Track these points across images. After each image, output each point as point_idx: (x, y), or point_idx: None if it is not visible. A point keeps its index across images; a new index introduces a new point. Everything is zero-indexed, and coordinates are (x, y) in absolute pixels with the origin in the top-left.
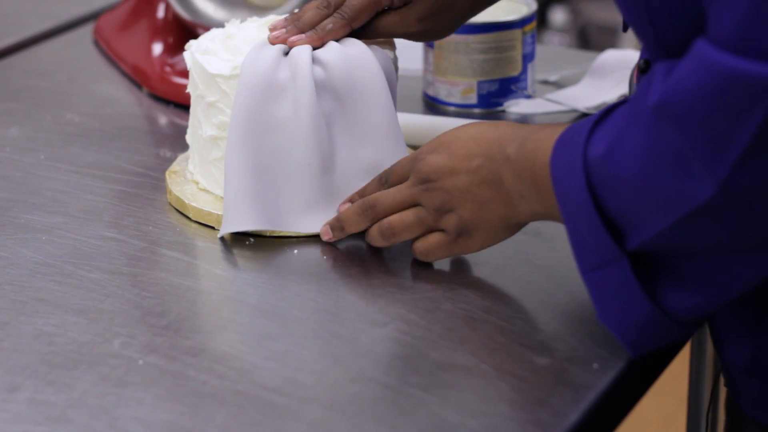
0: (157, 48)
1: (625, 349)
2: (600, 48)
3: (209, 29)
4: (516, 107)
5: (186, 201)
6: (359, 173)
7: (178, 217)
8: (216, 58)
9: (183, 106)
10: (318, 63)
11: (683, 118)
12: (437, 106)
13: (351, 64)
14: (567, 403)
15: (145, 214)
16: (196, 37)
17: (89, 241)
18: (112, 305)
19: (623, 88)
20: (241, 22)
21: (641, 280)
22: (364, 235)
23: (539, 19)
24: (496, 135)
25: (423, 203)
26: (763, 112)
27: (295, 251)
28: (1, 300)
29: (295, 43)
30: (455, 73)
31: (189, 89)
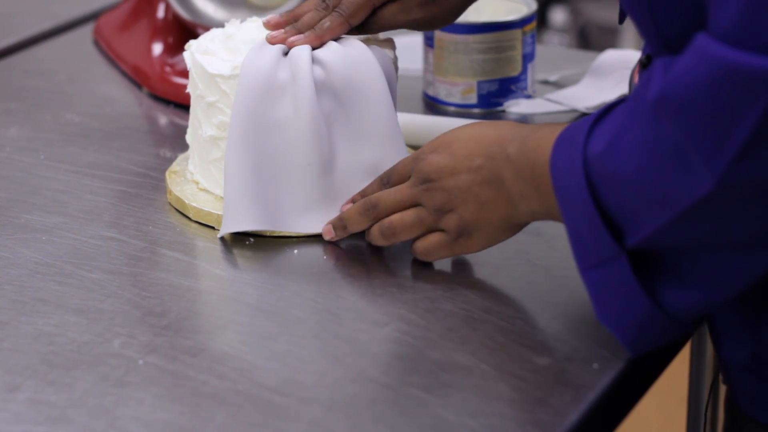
0: (157, 48)
1: (624, 348)
2: (600, 48)
3: (209, 29)
4: (516, 107)
5: (186, 201)
6: (359, 173)
7: (178, 217)
8: (216, 58)
9: (183, 106)
10: (318, 63)
11: (683, 111)
12: (437, 106)
13: (351, 64)
14: (567, 403)
15: (145, 214)
16: (196, 37)
17: (89, 241)
18: (112, 305)
19: (623, 88)
20: (241, 22)
21: (640, 279)
22: (364, 235)
23: (539, 19)
24: (497, 135)
25: (424, 203)
26: (763, 105)
27: (295, 251)
28: (1, 300)
29: (294, 44)
30: (455, 73)
31: (189, 89)
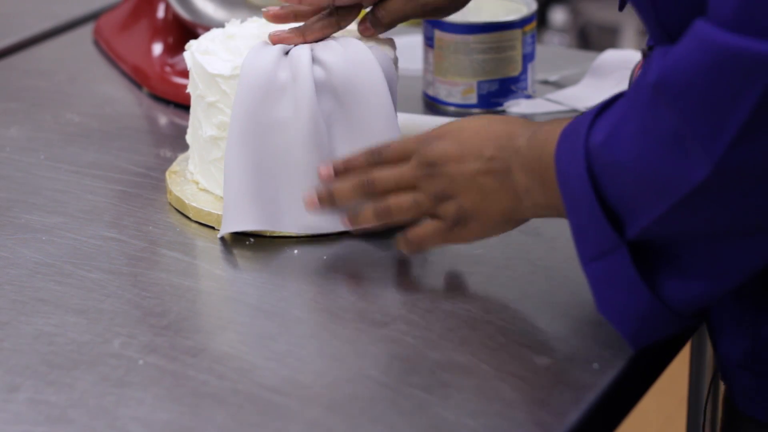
0: (157, 48)
1: (626, 342)
2: (600, 48)
3: (209, 29)
4: (516, 107)
5: (186, 201)
6: None
7: (178, 217)
8: (216, 58)
9: (183, 106)
10: (318, 63)
11: (681, 96)
12: (437, 106)
13: (351, 64)
14: (567, 403)
15: (145, 214)
16: (196, 37)
17: (89, 241)
18: (112, 305)
19: (623, 88)
20: (241, 22)
21: (641, 272)
22: (364, 235)
23: (539, 19)
24: (507, 128)
25: (423, 188)
26: (760, 90)
27: (295, 251)
28: (1, 300)
29: (279, 36)
30: (455, 73)
31: (189, 89)
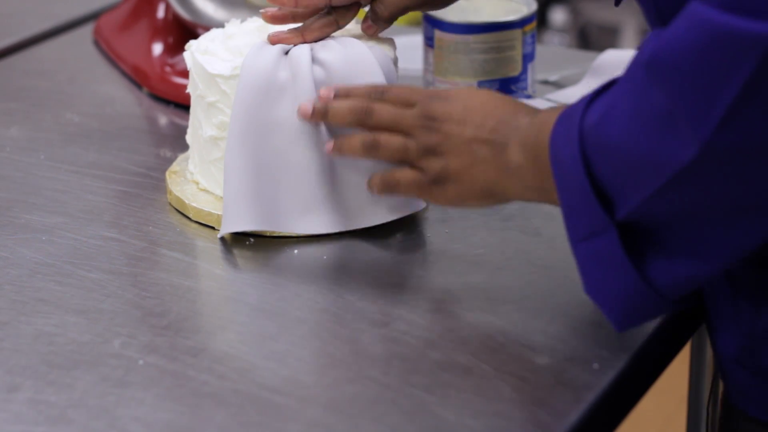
0: (157, 48)
1: (611, 323)
2: (600, 48)
3: (209, 29)
4: None
5: (186, 201)
6: (359, 173)
7: (178, 217)
8: (216, 58)
9: (183, 106)
10: (318, 63)
11: (671, 74)
12: None
13: (351, 64)
14: (567, 403)
15: (145, 214)
16: (196, 37)
17: (89, 241)
18: (112, 305)
19: None
20: (241, 22)
21: (629, 253)
22: (364, 235)
23: (539, 19)
24: (512, 107)
25: (416, 136)
26: (748, 69)
27: (295, 251)
28: (1, 300)
29: (278, 36)
30: (455, 73)
31: (189, 89)
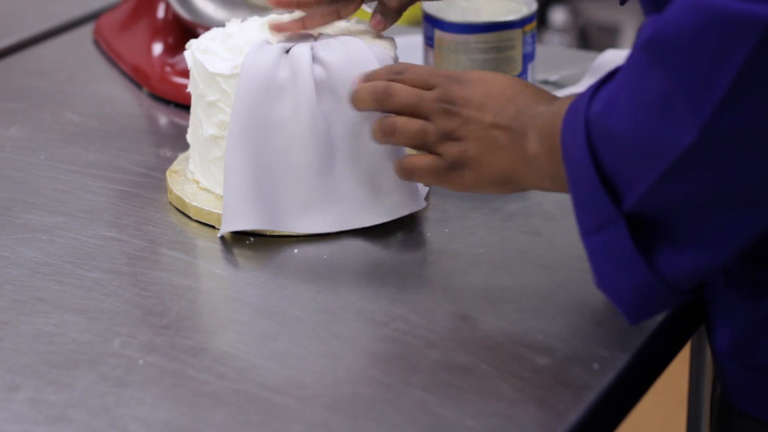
0: (157, 48)
1: (624, 316)
2: (600, 48)
3: (209, 29)
4: None
5: (186, 200)
6: (359, 173)
7: (178, 216)
8: (216, 58)
9: (183, 105)
10: (318, 62)
11: (669, 56)
12: None
13: (352, 64)
14: (567, 403)
15: (145, 214)
16: (196, 37)
17: (89, 240)
18: (112, 305)
19: None
20: (242, 21)
21: (638, 245)
22: (364, 235)
23: (539, 19)
24: (533, 92)
25: (435, 120)
26: (746, 51)
27: (295, 251)
28: (1, 300)
29: (278, 22)
30: None
31: (189, 88)
